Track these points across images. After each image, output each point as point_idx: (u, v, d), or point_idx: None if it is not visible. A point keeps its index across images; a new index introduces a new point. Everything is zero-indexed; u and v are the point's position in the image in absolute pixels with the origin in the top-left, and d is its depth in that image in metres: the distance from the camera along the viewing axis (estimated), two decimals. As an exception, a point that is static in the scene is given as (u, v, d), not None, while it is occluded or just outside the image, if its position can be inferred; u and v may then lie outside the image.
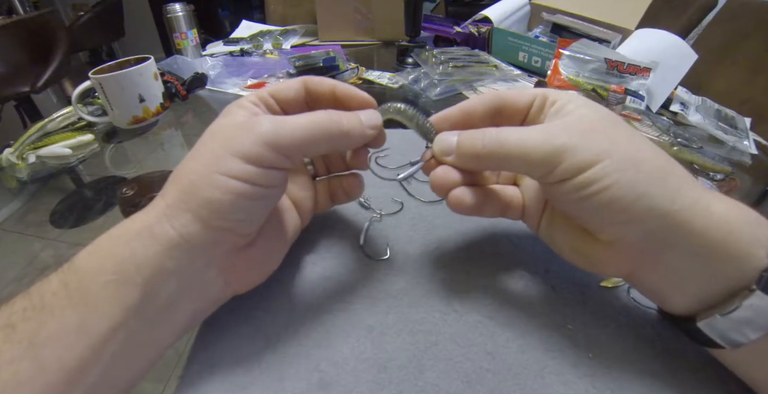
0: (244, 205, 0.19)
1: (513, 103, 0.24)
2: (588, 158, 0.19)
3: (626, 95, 0.59)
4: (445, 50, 0.72)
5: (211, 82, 0.72)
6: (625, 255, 0.21)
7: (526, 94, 0.24)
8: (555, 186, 0.21)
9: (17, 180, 0.50)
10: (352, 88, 0.25)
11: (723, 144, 0.55)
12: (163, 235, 0.19)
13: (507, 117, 0.24)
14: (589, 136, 0.20)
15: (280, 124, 0.20)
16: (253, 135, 0.19)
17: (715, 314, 0.18)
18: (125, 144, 0.56)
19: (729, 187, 0.43)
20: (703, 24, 1.00)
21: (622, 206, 0.19)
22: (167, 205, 0.19)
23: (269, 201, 0.22)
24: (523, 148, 0.20)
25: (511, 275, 0.28)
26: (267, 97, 0.24)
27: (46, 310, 0.17)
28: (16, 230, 0.41)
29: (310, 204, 0.28)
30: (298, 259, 0.29)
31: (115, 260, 0.18)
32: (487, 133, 0.22)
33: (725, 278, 0.19)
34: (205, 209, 0.19)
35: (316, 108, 0.25)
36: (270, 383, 0.22)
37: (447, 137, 0.24)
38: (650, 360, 0.22)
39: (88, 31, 2.29)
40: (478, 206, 0.24)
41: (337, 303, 0.26)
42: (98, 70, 0.54)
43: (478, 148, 0.22)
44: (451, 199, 0.24)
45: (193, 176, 0.19)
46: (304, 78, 0.25)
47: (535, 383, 0.21)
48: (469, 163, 0.23)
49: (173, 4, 0.79)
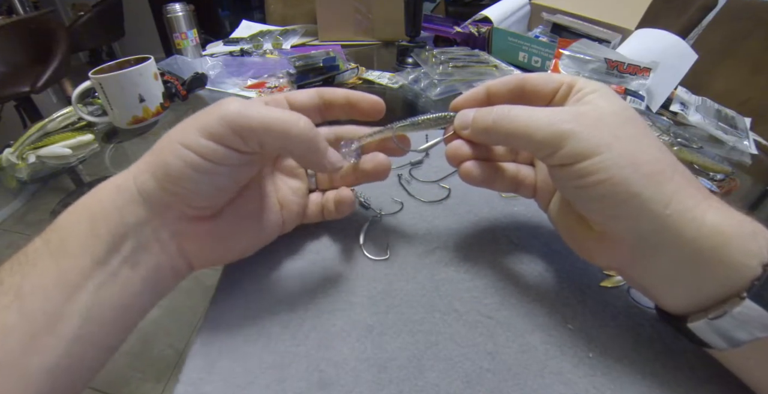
0: (192, 175, 0.21)
1: (537, 87, 0.24)
2: (588, 148, 0.19)
3: (626, 95, 0.59)
4: (445, 50, 0.72)
5: (211, 82, 0.72)
6: (616, 249, 0.21)
7: (553, 80, 0.24)
8: (556, 170, 0.21)
9: (17, 180, 0.50)
10: (362, 93, 0.26)
11: (723, 144, 0.55)
12: (126, 189, 0.21)
13: (529, 101, 0.25)
14: (596, 127, 0.20)
15: (246, 108, 0.21)
16: (220, 112, 0.21)
17: (704, 318, 0.19)
18: (125, 144, 0.56)
19: (729, 187, 0.43)
20: (703, 24, 1.00)
21: (614, 201, 0.19)
22: (137, 166, 0.22)
23: (219, 178, 0.22)
24: (529, 127, 0.21)
25: (511, 275, 0.28)
26: (282, 100, 0.26)
27: (29, 264, 0.19)
28: (16, 230, 0.41)
29: (297, 210, 0.29)
30: (298, 259, 0.29)
31: (88, 214, 0.21)
32: (499, 109, 0.22)
33: (716, 285, 0.19)
34: (161, 170, 0.21)
35: (330, 116, 0.27)
36: (270, 383, 0.22)
37: (466, 112, 0.25)
38: (650, 360, 0.22)
39: (88, 31, 2.29)
40: (487, 178, 0.26)
41: (337, 303, 0.26)
42: (98, 70, 0.54)
43: (488, 122, 0.23)
44: (461, 170, 0.26)
45: (161, 143, 0.22)
46: (319, 89, 0.27)
47: (535, 383, 0.21)
48: (480, 136, 0.24)
49: (173, 4, 0.79)
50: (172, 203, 0.22)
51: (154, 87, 0.58)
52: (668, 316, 0.21)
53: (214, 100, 0.68)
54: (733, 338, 0.18)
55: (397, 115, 0.27)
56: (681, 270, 0.19)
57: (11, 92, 1.66)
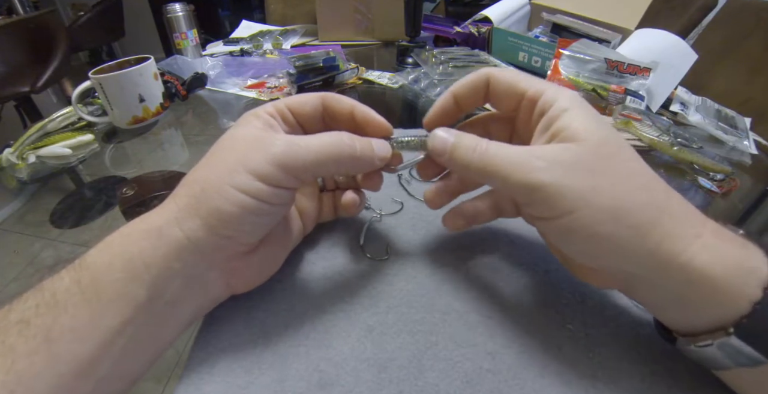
0: (249, 218, 0.20)
1: (499, 95, 0.24)
2: (564, 206, 0.18)
3: (626, 95, 0.59)
4: (445, 50, 0.72)
5: (211, 82, 0.72)
6: (607, 278, 0.22)
7: (515, 91, 0.23)
8: (535, 220, 0.21)
9: (17, 180, 0.50)
10: (370, 112, 0.25)
11: (723, 144, 0.55)
12: (172, 237, 0.20)
13: (497, 100, 0.24)
14: (572, 176, 0.18)
15: (293, 146, 0.21)
16: (266, 154, 0.20)
17: (690, 345, 0.19)
18: (125, 144, 0.56)
19: (729, 188, 0.43)
20: (703, 24, 1.00)
21: (596, 253, 0.19)
22: (179, 209, 0.20)
23: (275, 217, 0.23)
24: (505, 173, 0.20)
25: (511, 275, 0.28)
26: (284, 109, 0.24)
27: (59, 306, 0.18)
28: (16, 230, 0.41)
29: (314, 214, 0.29)
30: (298, 259, 0.29)
31: (125, 258, 0.19)
32: (479, 146, 0.21)
33: (704, 319, 0.19)
34: (213, 217, 0.20)
35: (333, 125, 0.26)
36: (270, 383, 0.22)
37: (442, 135, 0.22)
38: (650, 360, 0.22)
39: (88, 31, 2.29)
40: (470, 222, 0.27)
41: (337, 303, 0.26)
42: (98, 70, 0.54)
43: (467, 159, 0.21)
44: (446, 225, 0.27)
45: (206, 185, 0.20)
46: (323, 95, 0.25)
47: (535, 383, 0.21)
48: (459, 171, 0.23)
49: (173, 4, 0.79)
50: (224, 245, 0.21)
51: (154, 87, 0.58)
52: (662, 329, 0.22)
53: (214, 100, 0.68)
54: (718, 364, 0.19)
55: (397, 116, 0.27)
56: (671, 304, 0.20)
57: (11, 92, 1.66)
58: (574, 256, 0.21)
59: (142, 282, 0.19)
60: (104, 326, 0.18)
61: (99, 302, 0.18)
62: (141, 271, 0.19)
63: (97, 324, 0.18)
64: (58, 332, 0.17)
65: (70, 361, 0.17)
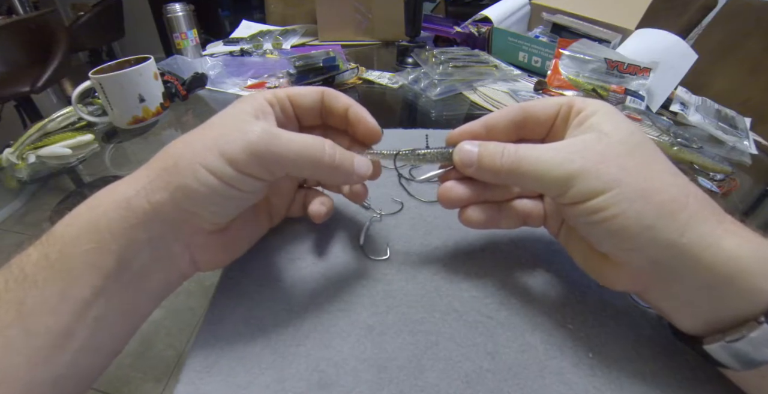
0: (215, 199, 0.21)
1: (537, 115, 0.24)
2: (597, 186, 0.19)
3: (626, 95, 0.59)
4: (445, 50, 0.72)
5: (211, 82, 0.72)
6: (633, 277, 0.21)
7: (550, 105, 0.23)
8: (567, 207, 0.21)
9: (17, 180, 0.50)
10: (364, 114, 0.25)
11: (723, 144, 0.55)
12: (139, 208, 0.20)
13: (531, 129, 0.24)
14: (603, 162, 0.19)
15: (273, 139, 0.20)
16: (243, 139, 0.20)
17: (720, 341, 0.19)
18: (125, 144, 0.56)
19: (729, 188, 0.43)
20: (703, 24, 1.00)
21: (628, 235, 0.19)
22: (150, 180, 0.20)
23: (241, 202, 0.23)
24: (538, 169, 0.20)
25: (511, 275, 0.28)
26: (285, 99, 0.24)
27: (28, 280, 0.18)
28: (16, 230, 0.41)
29: (283, 206, 0.29)
30: (298, 259, 0.29)
31: (93, 229, 0.19)
32: (506, 150, 0.22)
33: (733, 309, 0.18)
34: (180, 192, 0.20)
35: (329, 121, 0.27)
36: (270, 383, 0.22)
37: (468, 148, 0.23)
38: (650, 360, 0.22)
39: (88, 31, 2.29)
40: (490, 221, 0.25)
41: (337, 303, 0.26)
42: (98, 70, 0.54)
43: (497, 164, 0.22)
44: (462, 217, 0.25)
45: (179, 160, 0.20)
46: (324, 90, 0.25)
47: (535, 383, 0.21)
48: (488, 178, 0.23)
49: (173, 4, 0.79)
50: (189, 219, 0.21)
51: (154, 87, 0.58)
52: (684, 337, 0.21)
53: (214, 100, 0.68)
54: (748, 360, 0.18)
55: (397, 116, 0.27)
56: (698, 295, 0.19)
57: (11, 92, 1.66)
58: (602, 243, 0.21)
59: (111, 252, 0.19)
60: (76, 297, 0.18)
61: (69, 273, 0.19)
62: (109, 241, 0.19)
63: (68, 295, 0.18)
64: (30, 305, 0.18)
65: (45, 333, 0.18)
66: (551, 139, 0.24)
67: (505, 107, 0.24)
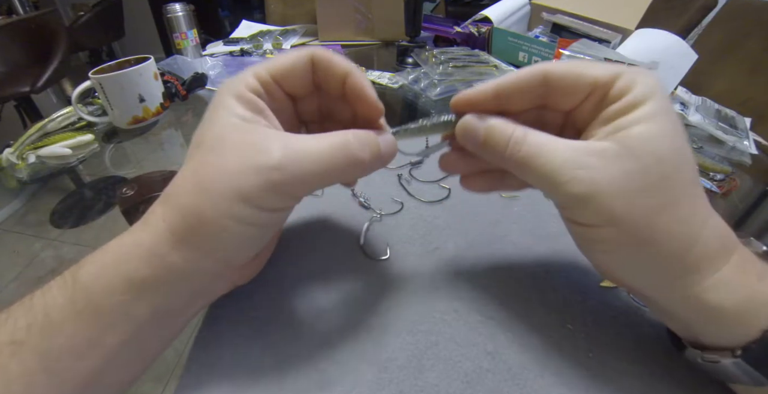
0: (254, 242, 0.21)
1: (563, 89, 0.19)
2: (593, 220, 0.18)
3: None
4: (445, 50, 0.72)
5: (211, 82, 0.72)
6: None
7: (585, 82, 0.19)
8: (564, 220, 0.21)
9: (17, 180, 0.50)
10: (365, 87, 0.21)
11: (723, 144, 0.55)
12: (175, 267, 0.18)
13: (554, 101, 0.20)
14: (613, 194, 0.17)
15: (292, 163, 0.18)
16: (263, 178, 0.17)
17: (697, 358, 0.20)
18: (125, 144, 0.56)
19: (729, 188, 0.43)
20: (703, 24, 1.00)
21: (617, 267, 0.20)
22: (171, 232, 0.18)
23: (276, 228, 0.23)
24: (542, 175, 0.18)
25: (511, 275, 0.28)
26: (269, 81, 0.21)
27: (54, 327, 0.17)
28: (16, 230, 0.41)
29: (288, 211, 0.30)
30: (298, 259, 0.29)
31: (125, 280, 0.18)
32: (513, 141, 0.19)
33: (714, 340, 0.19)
34: (219, 250, 0.19)
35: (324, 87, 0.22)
36: (270, 384, 0.22)
37: (475, 124, 0.20)
38: (650, 360, 0.22)
39: (88, 31, 2.29)
40: (491, 186, 0.24)
41: (337, 303, 0.26)
42: (98, 70, 0.54)
43: (502, 152, 0.19)
44: (462, 182, 0.25)
45: (202, 217, 0.18)
46: (313, 52, 0.21)
47: (535, 383, 0.21)
48: (493, 161, 0.21)
49: (173, 4, 0.79)
50: (230, 262, 0.21)
51: (154, 87, 0.58)
52: (672, 337, 0.22)
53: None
54: (724, 377, 0.19)
55: (397, 116, 0.27)
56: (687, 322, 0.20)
57: (11, 92, 1.66)
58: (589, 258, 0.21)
59: (146, 302, 0.18)
60: (106, 344, 0.18)
61: (99, 322, 0.17)
62: (144, 292, 0.18)
63: (98, 343, 0.17)
64: (56, 351, 0.17)
65: (73, 378, 0.17)
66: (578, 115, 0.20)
67: (523, 69, 0.20)
